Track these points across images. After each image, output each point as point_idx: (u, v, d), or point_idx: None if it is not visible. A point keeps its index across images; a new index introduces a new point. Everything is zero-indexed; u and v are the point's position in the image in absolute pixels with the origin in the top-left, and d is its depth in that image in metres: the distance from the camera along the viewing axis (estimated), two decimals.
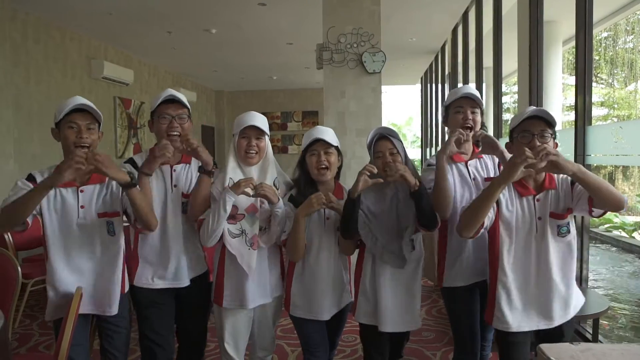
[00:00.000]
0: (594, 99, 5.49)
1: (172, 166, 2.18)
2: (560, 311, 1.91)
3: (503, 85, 5.70)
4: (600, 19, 6.21)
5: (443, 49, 8.07)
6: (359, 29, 4.65)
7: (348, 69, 4.69)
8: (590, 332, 3.03)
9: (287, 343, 3.36)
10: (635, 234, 8.69)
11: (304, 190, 2.14)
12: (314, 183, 2.18)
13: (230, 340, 2.20)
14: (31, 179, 1.96)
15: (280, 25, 6.50)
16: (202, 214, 2.16)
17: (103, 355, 2.12)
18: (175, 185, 2.18)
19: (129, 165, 2.15)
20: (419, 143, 13.65)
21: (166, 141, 2.06)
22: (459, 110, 2.15)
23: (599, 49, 12.65)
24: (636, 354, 1.50)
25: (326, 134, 2.16)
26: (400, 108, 34.31)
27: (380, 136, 2.10)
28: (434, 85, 9.25)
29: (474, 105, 2.15)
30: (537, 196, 1.89)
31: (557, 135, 1.90)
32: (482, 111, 2.19)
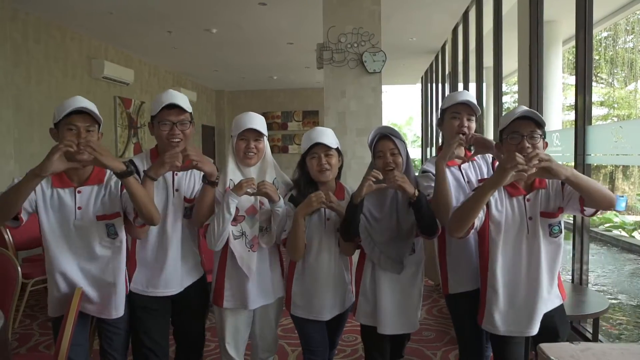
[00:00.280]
0: (594, 98, 5.49)
1: (175, 171, 2.12)
2: (541, 315, 1.90)
3: (503, 84, 5.70)
4: (600, 18, 6.22)
5: (443, 48, 8.07)
6: (359, 29, 4.66)
7: (348, 68, 4.69)
8: (590, 332, 3.03)
9: (287, 343, 3.36)
10: (635, 234, 8.68)
11: (305, 191, 2.13)
12: (315, 183, 2.17)
13: (231, 340, 2.20)
14: None
15: (280, 25, 6.50)
16: (207, 220, 2.12)
17: (102, 356, 2.11)
18: (177, 189, 2.14)
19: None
20: (419, 143, 13.65)
21: (177, 150, 1.99)
22: (456, 116, 2.13)
23: (599, 49, 12.66)
24: (636, 354, 1.50)
25: (326, 136, 2.13)
26: (400, 108, 34.36)
27: (382, 135, 2.09)
28: (434, 85, 9.25)
29: (471, 113, 2.14)
30: (528, 196, 1.88)
31: (547, 135, 1.90)
32: (477, 118, 2.18)
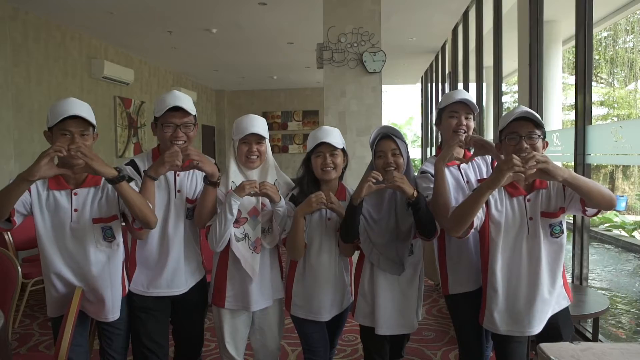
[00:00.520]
0: (594, 98, 5.49)
1: (176, 171, 2.12)
2: (542, 316, 1.89)
3: (503, 84, 5.69)
4: (600, 18, 6.21)
5: (443, 48, 8.07)
6: (359, 29, 4.66)
7: (348, 68, 4.69)
8: (591, 332, 3.03)
9: (287, 343, 3.36)
10: (635, 233, 8.68)
11: (307, 189, 2.13)
12: (318, 182, 2.17)
13: (230, 339, 2.20)
14: None
15: (280, 24, 6.50)
16: (210, 220, 2.11)
17: (102, 356, 2.11)
18: (179, 190, 2.13)
19: (129, 167, 2.11)
20: (420, 142, 13.65)
21: (177, 148, 1.98)
22: (454, 115, 2.13)
23: (599, 49, 12.66)
24: (636, 353, 1.50)
25: (332, 136, 2.13)
26: (400, 107, 34.32)
27: (384, 135, 2.09)
28: (434, 84, 9.25)
29: (469, 111, 2.14)
30: (528, 196, 1.87)
31: (547, 135, 1.89)
32: (475, 117, 2.18)
